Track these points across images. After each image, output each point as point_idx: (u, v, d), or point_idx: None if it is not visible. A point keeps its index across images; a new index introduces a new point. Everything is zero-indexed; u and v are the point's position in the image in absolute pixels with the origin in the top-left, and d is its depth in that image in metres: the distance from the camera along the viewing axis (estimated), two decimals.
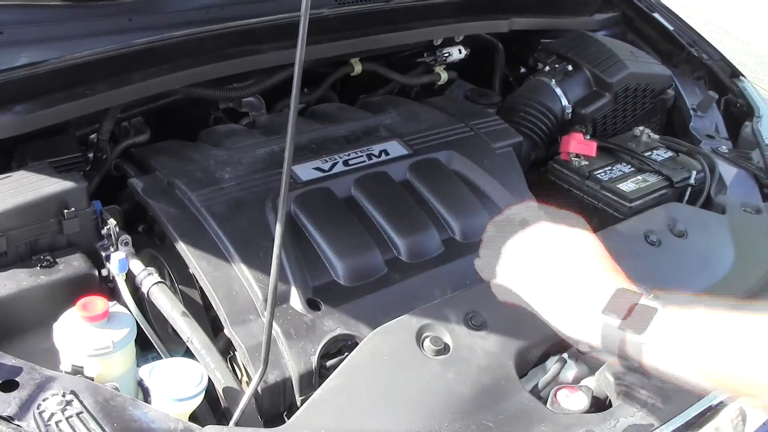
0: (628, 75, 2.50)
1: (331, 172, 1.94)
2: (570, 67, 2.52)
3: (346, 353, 1.53)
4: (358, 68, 2.43)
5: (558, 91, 2.47)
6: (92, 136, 2.00)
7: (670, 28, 2.88)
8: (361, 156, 2.01)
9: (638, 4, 2.95)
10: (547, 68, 2.55)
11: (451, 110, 2.34)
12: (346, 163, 1.98)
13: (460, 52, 2.64)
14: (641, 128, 2.42)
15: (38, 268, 1.62)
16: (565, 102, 2.46)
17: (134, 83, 1.89)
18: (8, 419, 1.25)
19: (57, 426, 1.25)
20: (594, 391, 1.52)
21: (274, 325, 1.53)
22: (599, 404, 1.52)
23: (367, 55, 2.45)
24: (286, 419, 1.46)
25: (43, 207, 1.65)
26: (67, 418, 1.26)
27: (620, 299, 1.26)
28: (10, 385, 1.31)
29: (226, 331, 1.58)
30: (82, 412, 1.28)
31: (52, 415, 1.27)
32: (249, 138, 2.07)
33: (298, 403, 1.52)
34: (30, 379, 1.33)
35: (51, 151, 1.82)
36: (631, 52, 2.62)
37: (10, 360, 1.37)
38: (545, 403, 1.49)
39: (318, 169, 1.94)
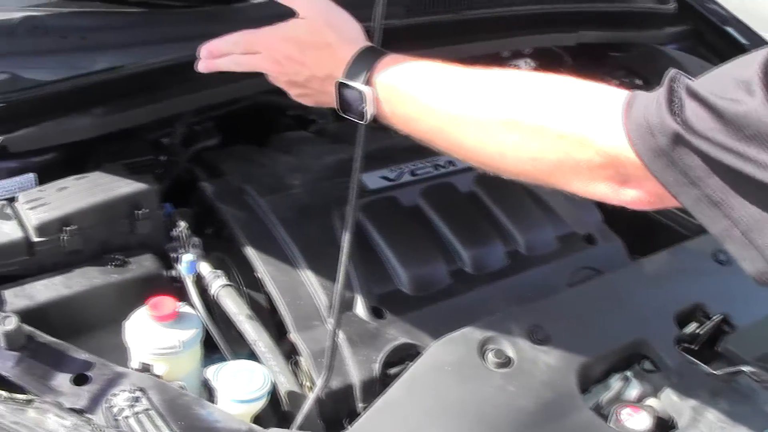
0: None
1: (397, 182, 1.95)
2: (639, 82, 2.50)
3: (408, 362, 1.54)
4: None
5: None
6: (164, 139, 2.04)
7: (744, 42, 2.84)
8: (428, 166, 2.02)
9: (710, 17, 2.90)
10: (616, 82, 2.53)
11: None
12: (412, 173, 1.99)
13: (528, 65, 2.63)
14: None
15: (110, 266, 1.66)
16: None
17: (207, 89, 1.92)
18: (80, 412, 1.29)
19: (125, 421, 1.28)
20: (658, 411, 1.51)
21: (339, 331, 1.55)
22: (663, 425, 1.50)
23: None
24: (346, 426, 1.48)
25: (117, 207, 1.68)
26: (135, 414, 1.29)
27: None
28: (82, 379, 1.35)
29: (290, 335, 1.60)
30: (149, 409, 1.31)
31: (121, 410, 1.30)
32: (318, 145, 2.09)
33: (360, 411, 1.53)
34: (101, 375, 1.36)
35: (125, 152, 1.86)
36: (702, 67, 2.59)
37: (82, 355, 1.41)
38: (607, 421, 1.49)
39: (385, 178, 1.96)
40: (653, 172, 1.02)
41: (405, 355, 1.59)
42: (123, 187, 1.70)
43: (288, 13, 1.49)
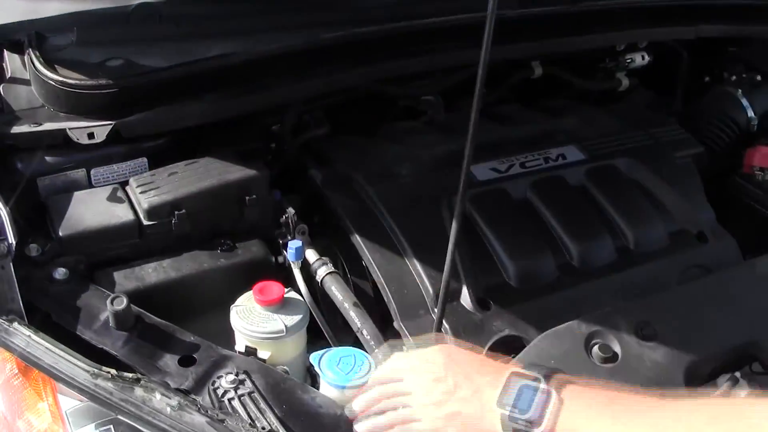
0: None
1: (507, 174, 1.93)
2: (759, 78, 2.43)
3: (513, 355, 1.52)
4: (538, 71, 2.40)
5: (744, 101, 2.37)
6: (274, 127, 2.05)
7: None
8: (538, 159, 2.00)
9: None
10: (734, 78, 2.46)
11: (631, 117, 2.29)
12: (522, 165, 1.96)
13: (643, 59, 2.57)
14: None
15: (219, 251, 1.68)
16: (751, 113, 2.36)
17: (318, 78, 1.93)
18: (185, 392, 1.31)
19: (229, 403, 1.30)
20: None
21: (444, 321, 1.54)
22: None
23: (548, 58, 2.42)
24: None
25: (226, 192, 1.71)
26: (239, 396, 1.31)
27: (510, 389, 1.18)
28: (188, 361, 1.38)
29: (395, 324, 1.59)
30: (253, 392, 1.32)
31: (225, 392, 1.31)
32: (427, 136, 2.08)
33: None
34: (207, 357, 1.39)
35: (235, 139, 1.88)
36: None
37: (189, 337, 1.43)
38: None
39: (494, 170, 1.93)
40: None
41: (510, 347, 1.56)
42: (233, 172, 1.72)
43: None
